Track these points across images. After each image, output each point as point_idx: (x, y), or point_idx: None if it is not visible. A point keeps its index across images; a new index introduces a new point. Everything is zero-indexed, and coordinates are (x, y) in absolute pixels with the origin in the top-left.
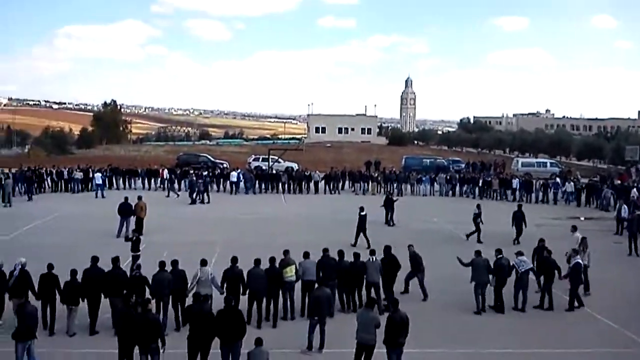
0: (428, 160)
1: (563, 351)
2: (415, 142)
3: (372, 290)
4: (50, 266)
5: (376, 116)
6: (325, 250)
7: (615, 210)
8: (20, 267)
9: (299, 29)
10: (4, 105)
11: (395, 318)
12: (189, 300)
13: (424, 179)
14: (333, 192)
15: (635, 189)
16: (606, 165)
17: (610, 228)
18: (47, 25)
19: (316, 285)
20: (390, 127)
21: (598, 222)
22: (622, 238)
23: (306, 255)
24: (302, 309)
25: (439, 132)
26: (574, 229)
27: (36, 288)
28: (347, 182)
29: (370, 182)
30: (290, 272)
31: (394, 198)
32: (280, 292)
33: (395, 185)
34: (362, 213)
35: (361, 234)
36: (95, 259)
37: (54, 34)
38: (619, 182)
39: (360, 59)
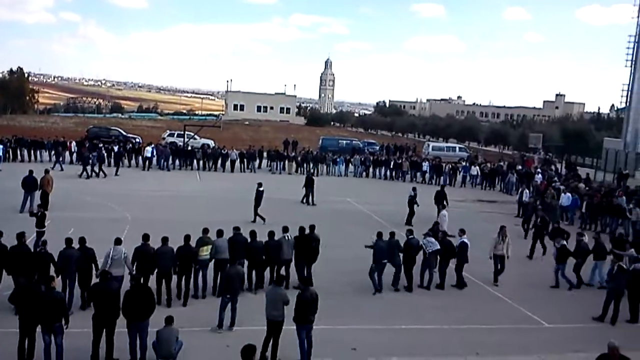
0: (344, 142)
1: (467, 327)
2: (333, 123)
3: (284, 267)
4: None
5: (295, 96)
6: (237, 229)
7: (517, 194)
8: None
9: (220, 2)
10: None
11: (305, 296)
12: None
13: (339, 160)
14: (249, 170)
15: (540, 175)
16: (511, 152)
17: (512, 211)
18: None
19: (228, 264)
20: (308, 108)
21: (502, 205)
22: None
23: (219, 233)
24: (214, 287)
25: (356, 115)
26: (442, 206)
27: None
28: (264, 161)
29: (287, 162)
30: (205, 251)
31: (313, 177)
32: (193, 270)
33: (311, 165)
34: (260, 189)
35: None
36: None
37: None
38: (519, 167)
39: (281, 37)
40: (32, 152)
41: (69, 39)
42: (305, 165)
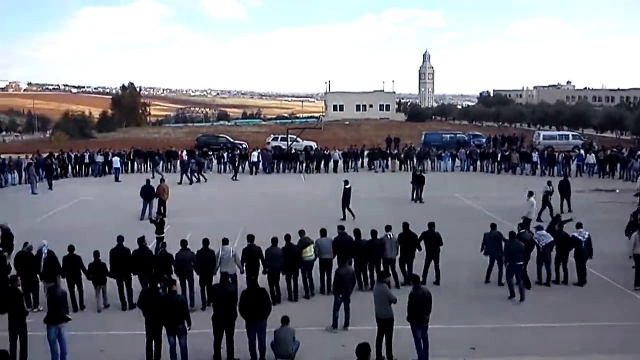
0: (448, 136)
1: (591, 324)
2: (434, 117)
3: (389, 267)
4: (71, 248)
5: (394, 92)
6: (341, 228)
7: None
8: (46, 250)
9: (311, 4)
10: (24, 90)
11: (417, 294)
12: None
13: (444, 154)
14: (352, 170)
15: None
16: (630, 137)
17: (634, 199)
18: (65, 7)
19: (334, 263)
20: (408, 103)
21: (622, 194)
22: None
23: (323, 232)
24: (321, 287)
25: (459, 107)
26: (530, 194)
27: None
28: (366, 160)
29: (390, 160)
30: (309, 252)
31: (423, 174)
32: (300, 270)
33: (415, 161)
34: (347, 186)
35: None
36: (120, 239)
37: (72, 16)
38: None
39: (376, 34)
40: (147, 162)
41: (174, 52)
42: (408, 162)
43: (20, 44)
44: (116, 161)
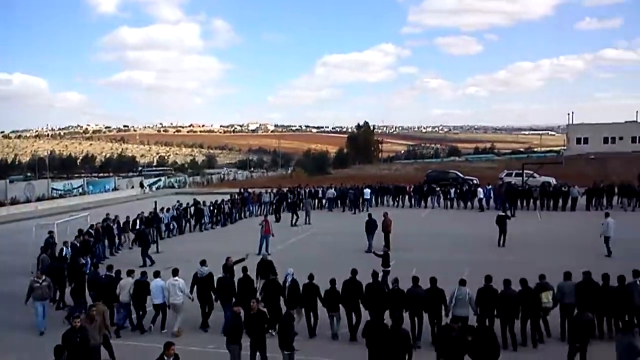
0: None
1: None
2: None
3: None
4: (311, 277)
5: None
6: (587, 273)
7: None
8: (290, 278)
9: (554, 36)
10: (271, 132)
11: None
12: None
13: None
14: (594, 208)
15: None
16: None
17: None
18: (308, 57)
19: (576, 310)
20: None
21: None
22: None
23: (567, 276)
24: (561, 333)
25: None
26: None
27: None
28: (614, 198)
29: None
30: (546, 299)
31: None
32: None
33: None
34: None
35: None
36: (354, 272)
37: (314, 64)
38: None
39: (626, 61)
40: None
41: (408, 91)
42: None
43: (270, 92)
44: (367, 192)
